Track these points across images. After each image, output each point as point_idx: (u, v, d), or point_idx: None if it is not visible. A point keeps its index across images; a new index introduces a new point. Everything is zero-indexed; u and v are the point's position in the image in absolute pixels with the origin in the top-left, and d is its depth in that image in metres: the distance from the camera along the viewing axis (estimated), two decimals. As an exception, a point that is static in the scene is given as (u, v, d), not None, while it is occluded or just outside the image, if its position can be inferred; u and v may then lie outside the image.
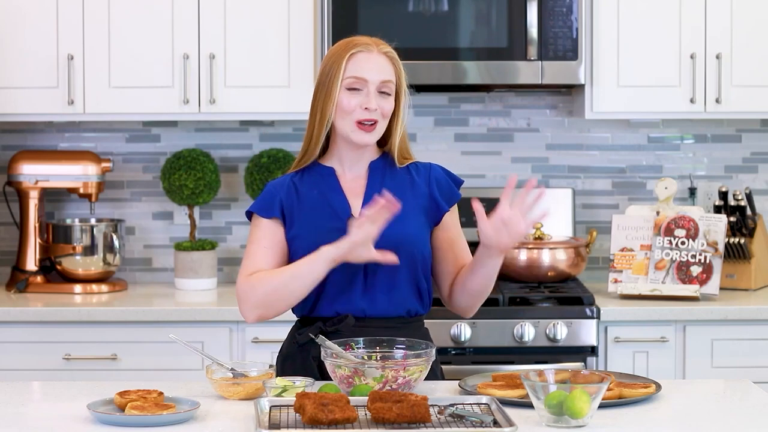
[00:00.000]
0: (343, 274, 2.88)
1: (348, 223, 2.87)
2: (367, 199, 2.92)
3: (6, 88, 4.32)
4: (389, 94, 2.90)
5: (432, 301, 3.01)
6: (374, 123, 2.88)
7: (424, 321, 3.03)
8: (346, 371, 2.68)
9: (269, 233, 2.94)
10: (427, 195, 2.96)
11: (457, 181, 3.03)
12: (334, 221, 2.91)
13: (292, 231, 2.93)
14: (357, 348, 2.80)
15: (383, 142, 2.99)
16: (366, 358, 2.78)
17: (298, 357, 2.94)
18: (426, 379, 2.84)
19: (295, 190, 2.96)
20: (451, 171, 3.04)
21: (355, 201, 2.94)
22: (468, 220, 3.51)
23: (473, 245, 2.89)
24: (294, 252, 2.93)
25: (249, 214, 2.99)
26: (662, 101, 4.35)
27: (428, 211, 2.96)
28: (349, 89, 2.88)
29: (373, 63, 2.88)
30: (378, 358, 2.78)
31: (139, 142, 4.71)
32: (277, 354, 3.05)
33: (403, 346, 2.80)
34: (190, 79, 4.32)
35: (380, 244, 2.83)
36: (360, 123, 2.88)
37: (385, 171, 2.97)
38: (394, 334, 2.87)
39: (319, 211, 2.93)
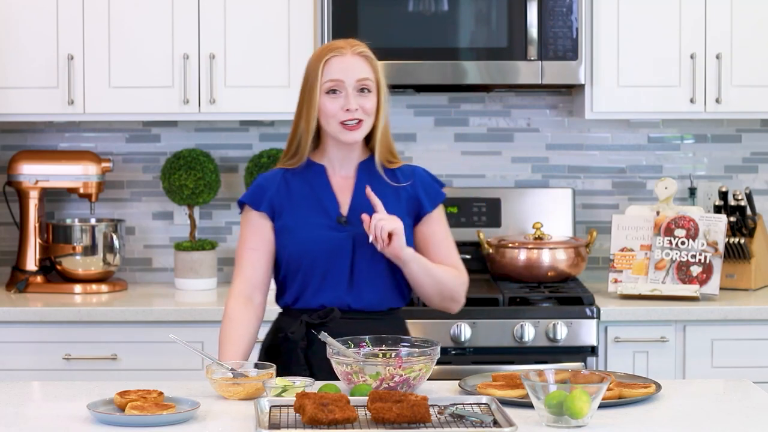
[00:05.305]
0: (329, 266, 3.00)
1: (337, 220, 3.02)
2: (356, 198, 3.05)
3: (6, 88, 4.32)
4: (369, 91, 3.01)
5: (410, 294, 3.10)
6: (359, 122, 3.00)
7: (401, 314, 3.15)
8: (346, 368, 2.73)
9: (256, 230, 3.06)
10: (412, 196, 3.08)
11: (441, 183, 3.16)
12: (323, 218, 3.03)
13: (280, 222, 3.04)
14: (364, 345, 2.86)
15: (370, 142, 3.10)
16: (376, 356, 2.83)
17: (283, 348, 3.01)
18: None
19: (286, 185, 3.07)
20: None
21: (343, 199, 3.06)
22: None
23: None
24: (282, 245, 3.04)
25: (241, 204, 3.10)
26: (662, 101, 4.35)
27: (412, 212, 3.08)
28: (329, 93, 3.00)
29: (347, 64, 3.00)
30: (381, 356, 2.83)
31: (139, 142, 4.71)
32: (260, 347, 3.12)
33: (408, 344, 2.85)
34: (190, 79, 4.32)
35: (363, 238, 2.96)
36: (343, 124, 2.99)
37: (373, 171, 3.08)
38: (376, 325, 2.97)
39: (309, 207, 3.04)
